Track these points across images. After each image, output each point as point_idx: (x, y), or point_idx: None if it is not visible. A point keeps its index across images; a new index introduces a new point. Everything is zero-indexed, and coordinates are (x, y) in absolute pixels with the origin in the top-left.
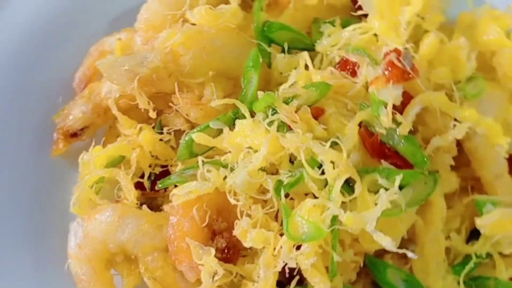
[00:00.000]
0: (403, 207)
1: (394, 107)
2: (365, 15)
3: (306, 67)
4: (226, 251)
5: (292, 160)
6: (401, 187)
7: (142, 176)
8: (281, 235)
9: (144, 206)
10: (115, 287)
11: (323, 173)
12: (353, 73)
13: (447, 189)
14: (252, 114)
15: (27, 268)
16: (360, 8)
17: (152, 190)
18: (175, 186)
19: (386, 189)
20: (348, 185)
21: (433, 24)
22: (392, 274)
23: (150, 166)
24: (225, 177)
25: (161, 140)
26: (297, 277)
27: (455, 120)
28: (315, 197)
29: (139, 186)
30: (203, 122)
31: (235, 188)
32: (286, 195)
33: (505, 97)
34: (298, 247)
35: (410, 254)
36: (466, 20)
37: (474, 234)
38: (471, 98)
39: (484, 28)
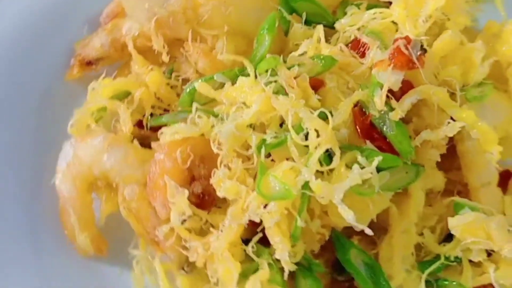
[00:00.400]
0: (376, 188)
1: (392, 93)
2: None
3: (320, 40)
4: (201, 197)
5: (282, 124)
6: (380, 170)
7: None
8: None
9: (135, 141)
10: (92, 209)
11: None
12: (363, 55)
13: (430, 185)
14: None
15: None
16: None
17: (149, 129)
18: None
19: (363, 168)
20: (329, 157)
21: (456, 24)
22: (355, 255)
23: (153, 107)
24: (213, 126)
25: (167, 84)
26: (260, 235)
27: (451, 119)
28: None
29: (138, 124)
30: (209, 73)
31: (219, 138)
32: (268, 156)
33: (511, 110)
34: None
35: (367, 230)
36: (492, 28)
37: (449, 238)
38: (473, 100)
39: (507, 38)
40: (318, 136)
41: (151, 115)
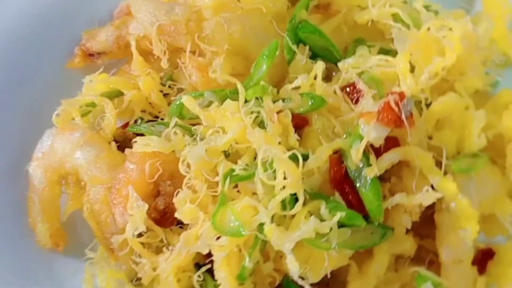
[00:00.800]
0: (333, 244)
1: (375, 149)
2: None
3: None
4: (162, 213)
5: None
6: (343, 226)
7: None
8: None
9: (113, 144)
10: (59, 203)
11: None
12: (356, 101)
13: (397, 250)
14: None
15: None
16: None
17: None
18: None
19: (323, 220)
20: (296, 201)
21: (465, 87)
22: None
23: (144, 111)
24: (186, 145)
25: (161, 91)
26: (208, 266)
27: (432, 187)
28: None
29: (125, 125)
30: (201, 89)
31: (188, 159)
32: (236, 186)
33: (503, 189)
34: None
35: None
36: (505, 97)
37: None
38: (458, 172)
39: None
40: (285, 178)
41: (141, 119)
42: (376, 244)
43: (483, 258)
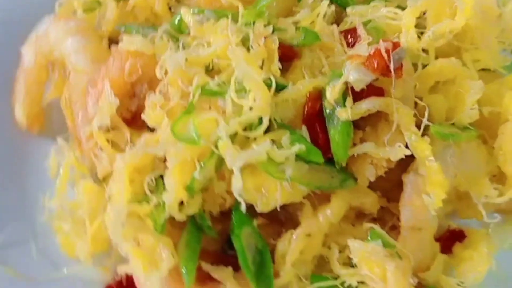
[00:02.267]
0: (287, 175)
1: (356, 94)
2: None
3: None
4: (133, 115)
5: None
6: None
7: None
8: None
9: (105, 40)
10: (43, 88)
11: None
12: (353, 46)
13: (357, 202)
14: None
15: None
16: None
17: None
18: None
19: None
20: None
21: (473, 61)
22: (248, 235)
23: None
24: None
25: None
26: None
27: (407, 146)
28: None
29: None
30: (205, 7)
31: (167, 64)
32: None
33: (484, 170)
34: None
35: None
36: None
37: None
38: (435, 135)
39: None
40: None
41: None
42: (334, 189)
43: (450, 238)
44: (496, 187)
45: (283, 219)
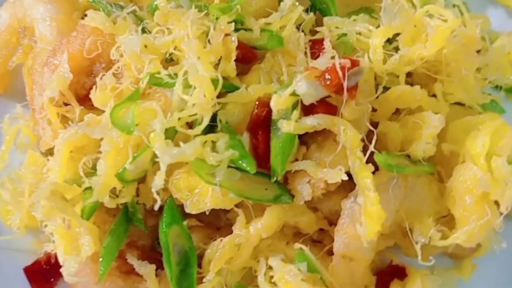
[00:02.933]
0: (217, 180)
1: (307, 108)
2: None
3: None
4: (87, 93)
5: None
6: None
7: None
8: None
9: (77, 12)
10: (12, 51)
11: None
12: (317, 57)
13: (291, 220)
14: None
15: None
16: None
17: None
18: None
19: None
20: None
21: (439, 88)
22: (177, 234)
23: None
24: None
25: None
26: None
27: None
28: None
29: None
30: None
31: (123, 46)
32: None
33: (430, 209)
34: None
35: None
36: (487, 120)
37: None
38: (380, 164)
39: (481, 134)
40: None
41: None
42: (267, 202)
43: (390, 273)
44: (441, 229)
45: (222, 224)
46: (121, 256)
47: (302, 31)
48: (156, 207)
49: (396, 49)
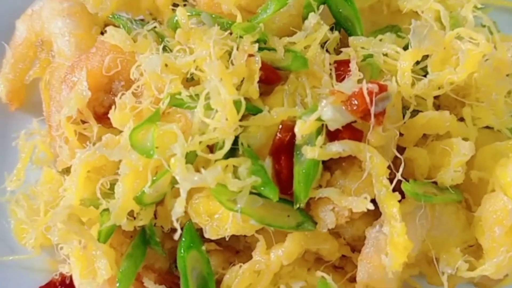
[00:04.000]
0: (237, 207)
1: (332, 134)
2: None
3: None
4: (106, 112)
5: None
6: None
7: None
8: None
9: (96, 27)
10: (30, 65)
11: None
12: (342, 80)
13: (313, 247)
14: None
15: None
16: None
17: None
18: None
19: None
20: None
21: (468, 113)
22: (195, 259)
23: (151, 14)
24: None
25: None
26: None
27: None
28: None
29: None
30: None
31: (143, 65)
32: None
33: (458, 239)
34: None
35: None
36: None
37: None
38: (407, 193)
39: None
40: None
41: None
42: (288, 229)
43: None
44: (468, 259)
45: (241, 248)
46: (137, 279)
47: (327, 50)
48: (176, 237)
49: (424, 69)
